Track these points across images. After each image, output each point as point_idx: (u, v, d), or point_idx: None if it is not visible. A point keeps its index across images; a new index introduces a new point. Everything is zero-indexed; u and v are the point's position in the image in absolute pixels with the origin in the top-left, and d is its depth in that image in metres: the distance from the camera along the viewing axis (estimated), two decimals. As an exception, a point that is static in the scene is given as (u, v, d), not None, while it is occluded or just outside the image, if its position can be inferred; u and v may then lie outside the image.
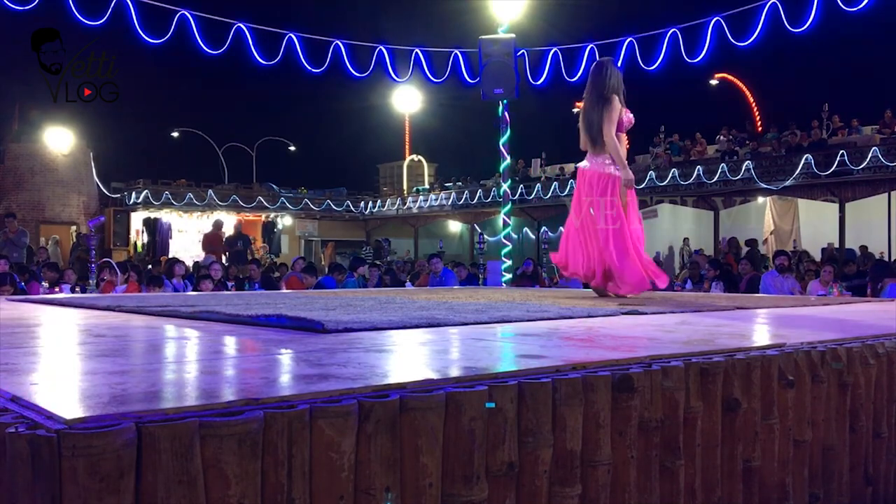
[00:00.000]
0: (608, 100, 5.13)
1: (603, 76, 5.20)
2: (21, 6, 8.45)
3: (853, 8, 8.68)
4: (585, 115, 5.26)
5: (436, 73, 11.23)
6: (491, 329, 2.87)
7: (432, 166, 37.27)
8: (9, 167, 23.82)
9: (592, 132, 5.18)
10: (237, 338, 2.66)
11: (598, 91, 5.19)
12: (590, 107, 5.22)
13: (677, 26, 10.00)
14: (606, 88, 5.15)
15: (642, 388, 1.83)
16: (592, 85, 5.24)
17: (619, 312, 3.58)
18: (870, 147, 17.83)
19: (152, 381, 1.65)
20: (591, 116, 5.19)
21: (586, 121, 5.24)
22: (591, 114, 5.19)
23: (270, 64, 10.40)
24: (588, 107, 5.24)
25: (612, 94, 5.14)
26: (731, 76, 28.39)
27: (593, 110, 5.18)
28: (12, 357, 2.01)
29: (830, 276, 8.69)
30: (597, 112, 5.16)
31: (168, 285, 9.16)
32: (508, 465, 1.61)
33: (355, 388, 1.51)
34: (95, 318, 3.60)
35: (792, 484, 2.25)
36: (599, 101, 5.17)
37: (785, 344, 2.35)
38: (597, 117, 5.15)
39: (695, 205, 21.93)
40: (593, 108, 5.19)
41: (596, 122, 5.16)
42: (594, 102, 5.19)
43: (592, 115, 5.19)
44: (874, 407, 2.58)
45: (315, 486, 1.37)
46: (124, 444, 1.18)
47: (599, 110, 5.14)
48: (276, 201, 29.11)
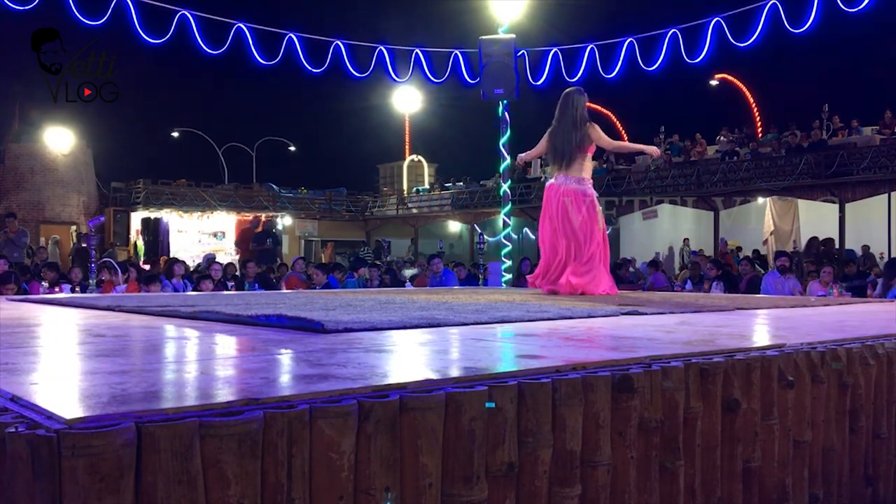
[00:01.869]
0: (590, 127, 5.74)
1: (572, 106, 5.76)
2: (21, 6, 8.45)
3: (853, 8, 8.68)
4: (556, 138, 5.77)
5: (436, 74, 11.23)
6: (491, 329, 2.87)
7: (432, 166, 37.27)
8: (9, 167, 23.83)
9: (566, 155, 5.70)
10: (237, 338, 2.65)
11: (569, 119, 5.72)
12: (562, 133, 5.73)
13: (677, 27, 10.01)
14: (578, 118, 5.72)
15: (642, 388, 1.83)
16: (562, 114, 5.79)
17: (619, 312, 3.58)
18: (870, 147, 17.83)
19: (152, 381, 1.65)
20: (566, 140, 5.70)
21: (559, 144, 5.75)
22: (565, 138, 5.70)
23: (270, 64, 10.41)
24: (560, 132, 5.75)
25: (587, 122, 5.76)
26: (731, 76, 28.38)
27: (567, 135, 5.70)
28: (12, 357, 2.01)
29: (830, 276, 8.69)
30: (574, 137, 5.68)
31: (167, 285, 9.16)
32: (508, 465, 1.61)
33: (355, 388, 1.51)
34: (95, 318, 3.60)
35: (792, 484, 2.25)
36: (574, 128, 5.70)
37: (785, 344, 2.35)
38: (574, 142, 5.68)
39: (695, 205, 21.93)
40: (567, 133, 5.70)
41: (570, 147, 5.70)
42: (567, 129, 5.71)
43: (566, 139, 5.70)
44: (874, 407, 2.58)
45: (315, 486, 1.37)
46: (124, 444, 1.18)
47: (579, 138, 5.68)
48: (276, 201, 29.11)
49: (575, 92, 5.85)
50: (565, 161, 5.71)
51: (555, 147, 5.76)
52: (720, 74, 28.14)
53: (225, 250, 25.97)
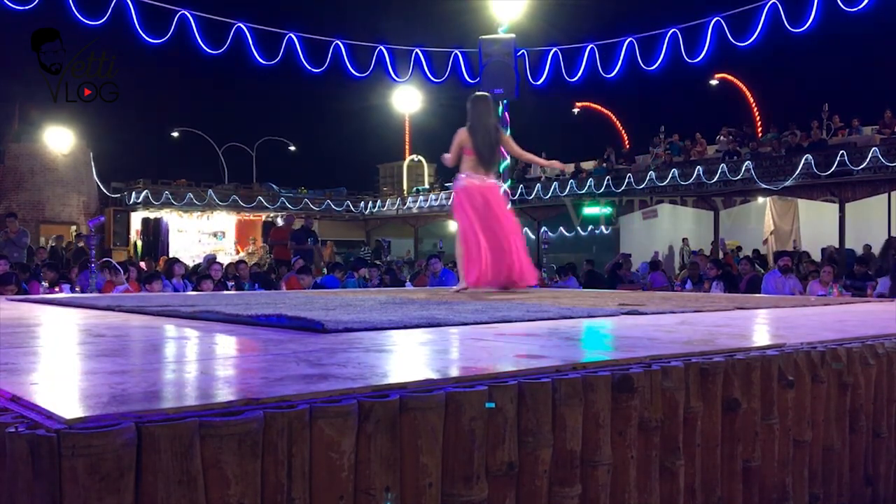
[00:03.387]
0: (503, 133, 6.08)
1: (491, 112, 5.99)
2: (21, 6, 8.46)
3: (853, 8, 8.69)
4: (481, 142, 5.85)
5: (436, 73, 11.24)
6: (491, 329, 2.86)
7: (432, 166, 37.22)
8: (9, 167, 23.82)
9: (492, 158, 5.91)
10: (237, 337, 2.65)
11: (491, 124, 5.92)
12: (486, 136, 5.85)
13: (677, 26, 10.01)
14: (496, 123, 5.99)
15: (642, 388, 1.83)
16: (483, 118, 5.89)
17: (620, 312, 3.58)
18: (870, 147, 17.81)
19: (152, 381, 1.65)
20: (492, 144, 5.86)
21: (484, 148, 5.82)
22: (490, 142, 5.85)
23: (270, 64, 10.42)
24: (484, 136, 5.85)
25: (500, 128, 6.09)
26: (731, 76, 28.36)
27: (490, 139, 5.86)
28: (12, 357, 2.01)
29: (830, 276, 8.69)
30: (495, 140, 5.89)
31: (167, 285, 9.16)
32: (508, 465, 1.61)
33: (355, 388, 1.51)
34: (95, 317, 3.60)
35: (792, 484, 2.25)
36: (494, 130, 5.92)
37: (785, 344, 2.35)
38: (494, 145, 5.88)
39: (695, 205, 21.92)
40: (489, 137, 5.86)
41: (495, 151, 5.93)
42: (490, 133, 5.87)
43: (492, 143, 5.87)
44: (874, 407, 2.58)
45: (315, 486, 1.37)
46: (124, 443, 1.18)
47: (497, 139, 5.91)
48: (276, 201, 29.09)
49: (489, 98, 6.13)
50: (491, 163, 5.93)
51: (480, 150, 5.85)
52: (720, 74, 28.10)
53: (225, 250, 25.97)
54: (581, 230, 24.60)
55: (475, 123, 5.86)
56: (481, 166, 5.83)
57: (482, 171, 5.83)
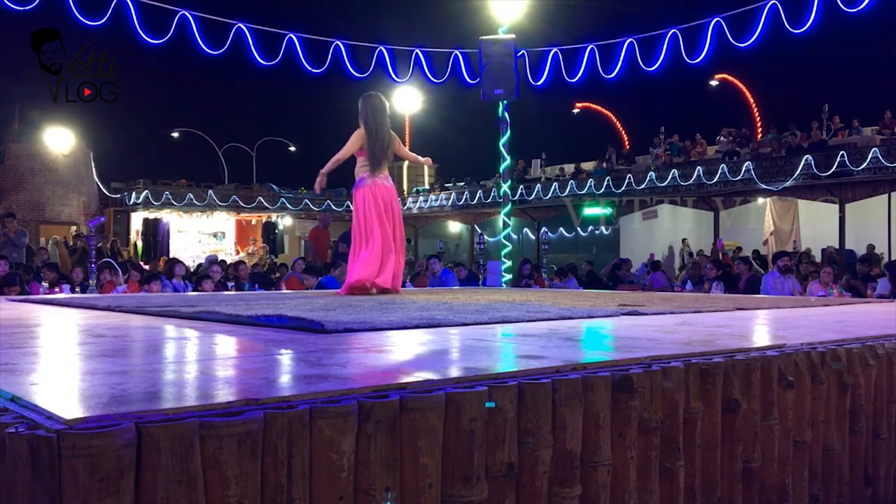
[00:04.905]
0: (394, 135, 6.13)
1: (387, 114, 6.03)
2: (21, 6, 8.45)
3: (853, 8, 8.68)
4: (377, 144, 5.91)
5: (436, 74, 11.23)
6: (491, 329, 2.87)
7: (432, 166, 37.23)
8: (9, 167, 23.81)
9: (384, 157, 5.97)
10: (237, 338, 2.65)
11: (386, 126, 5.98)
12: (382, 138, 5.92)
13: (677, 27, 10.00)
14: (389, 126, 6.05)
15: (642, 388, 1.83)
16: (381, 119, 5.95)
17: (620, 312, 3.58)
18: (870, 148, 17.80)
19: (152, 382, 1.65)
20: (386, 145, 5.96)
21: (379, 150, 5.90)
22: (385, 144, 5.94)
23: (270, 64, 10.41)
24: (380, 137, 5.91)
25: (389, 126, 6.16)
26: (731, 77, 28.36)
27: (385, 141, 5.94)
28: (12, 357, 2.01)
29: (830, 276, 8.68)
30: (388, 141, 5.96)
31: (168, 285, 9.15)
32: (508, 465, 1.61)
33: (355, 389, 1.51)
34: (95, 318, 3.59)
35: (792, 484, 2.25)
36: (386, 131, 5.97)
37: (785, 345, 2.35)
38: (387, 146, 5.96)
39: (695, 205, 21.91)
40: (384, 139, 5.93)
41: (390, 152, 6.04)
42: (385, 135, 5.94)
43: (387, 145, 5.96)
44: (874, 408, 2.57)
45: (315, 487, 1.37)
46: (124, 444, 1.18)
47: (390, 139, 5.99)
48: (276, 201, 29.07)
49: (382, 96, 6.12)
50: (383, 164, 5.98)
51: (376, 152, 5.90)
52: (720, 74, 28.11)
53: (225, 251, 25.96)
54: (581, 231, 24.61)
55: (372, 126, 5.90)
56: (376, 167, 5.90)
57: (376, 171, 5.91)
